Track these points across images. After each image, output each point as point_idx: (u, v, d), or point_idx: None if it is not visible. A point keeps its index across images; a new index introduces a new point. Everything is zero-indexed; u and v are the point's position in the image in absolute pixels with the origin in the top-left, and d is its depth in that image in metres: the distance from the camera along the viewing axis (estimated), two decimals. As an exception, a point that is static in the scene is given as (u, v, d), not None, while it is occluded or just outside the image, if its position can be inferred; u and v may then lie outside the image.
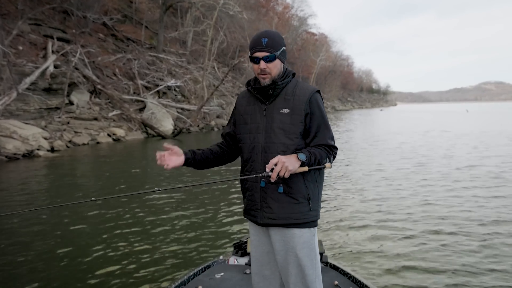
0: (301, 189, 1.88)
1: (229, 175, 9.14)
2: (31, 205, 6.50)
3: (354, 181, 8.74)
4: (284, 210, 1.88)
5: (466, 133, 20.48)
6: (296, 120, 1.88)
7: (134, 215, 5.96)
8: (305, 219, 1.89)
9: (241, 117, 2.03)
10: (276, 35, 1.93)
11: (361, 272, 3.95)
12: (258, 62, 1.88)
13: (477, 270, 4.00)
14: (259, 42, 1.88)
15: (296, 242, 1.89)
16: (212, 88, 24.92)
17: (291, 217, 1.88)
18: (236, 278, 2.85)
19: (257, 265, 2.03)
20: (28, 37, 18.35)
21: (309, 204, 1.90)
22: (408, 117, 45.86)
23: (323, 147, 1.89)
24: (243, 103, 2.06)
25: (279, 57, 1.90)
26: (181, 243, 4.84)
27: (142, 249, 4.64)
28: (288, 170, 1.73)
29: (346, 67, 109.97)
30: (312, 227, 1.93)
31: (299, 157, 1.78)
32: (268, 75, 1.89)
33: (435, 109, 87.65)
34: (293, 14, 66.03)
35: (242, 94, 2.10)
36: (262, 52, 1.87)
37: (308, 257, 1.90)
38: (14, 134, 12.08)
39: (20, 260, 4.26)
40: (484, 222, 5.50)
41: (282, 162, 1.72)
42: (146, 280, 3.82)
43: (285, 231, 1.90)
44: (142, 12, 32.97)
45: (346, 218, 5.92)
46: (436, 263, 4.17)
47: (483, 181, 8.20)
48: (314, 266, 1.92)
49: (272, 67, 1.88)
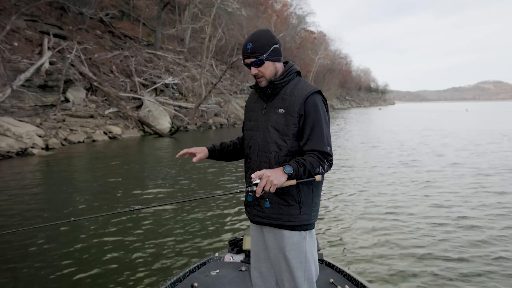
0: (293, 192, 1.84)
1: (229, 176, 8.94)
2: (10, 210, 6.34)
3: (351, 179, 8.67)
4: (274, 211, 1.87)
5: (478, 132, 20.38)
6: (289, 121, 1.84)
7: (129, 212, 5.84)
8: (294, 222, 1.86)
9: (247, 113, 2.07)
10: (262, 36, 1.87)
11: (357, 269, 3.98)
12: (250, 67, 1.89)
13: (471, 267, 4.07)
14: (245, 48, 1.87)
15: (286, 243, 1.88)
16: (210, 86, 24.74)
17: (280, 218, 1.86)
18: (231, 275, 2.87)
19: (255, 260, 2.05)
20: (24, 33, 18.11)
21: (300, 207, 1.86)
22: (409, 116, 45.59)
23: (317, 154, 1.80)
24: (251, 100, 2.08)
25: (269, 59, 1.86)
26: (177, 240, 4.81)
27: (137, 246, 4.62)
28: (273, 184, 1.66)
29: (345, 65, 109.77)
30: (303, 230, 1.89)
31: (285, 170, 1.70)
32: (262, 78, 1.89)
33: (434, 108, 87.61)
34: (292, 12, 65.81)
35: (253, 91, 2.11)
36: (249, 58, 1.86)
37: (297, 259, 1.88)
38: (8, 131, 11.88)
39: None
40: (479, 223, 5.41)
41: (266, 176, 1.66)
42: (141, 277, 3.81)
43: (276, 231, 1.90)
44: (139, 9, 32.72)
45: (342, 216, 5.93)
46: (430, 261, 4.21)
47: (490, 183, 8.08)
48: (303, 268, 1.89)
49: (263, 70, 1.86)
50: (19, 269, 3.97)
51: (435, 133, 20.79)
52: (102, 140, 16.31)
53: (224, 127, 25.81)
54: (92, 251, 4.43)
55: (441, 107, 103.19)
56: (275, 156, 1.86)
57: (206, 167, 9.64)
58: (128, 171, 9.86)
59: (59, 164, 10.84)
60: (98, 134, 16.57)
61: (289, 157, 1.85)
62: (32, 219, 5.61)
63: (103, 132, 16.98)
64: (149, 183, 8.15)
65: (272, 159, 1.86)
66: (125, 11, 31.25)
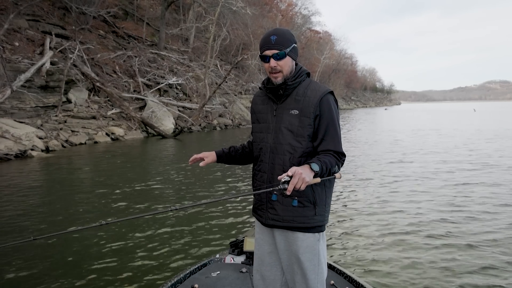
0: (308, 193, 1.82)
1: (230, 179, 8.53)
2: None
3: (355, 182, 8.43)
4: (288, 213, 1.84)
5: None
6: (304, 122, 1.83)
7: (130, 213, 5.82)
8: (309, 223, 1.85)
9: (255, 115, 2.04)
10: (286, 32, 1.88)
11: (357, 272, 3.95)
12: (268, 60, 1.83)
13: (474, 270, 4.00)
14: (268, 40, 1.84)
15: (299, 246, 1.86)
16: (215, 86, 24.32)
17: (295, 220, 1.84)
18: (232, 276, 2.86)
19: (258, 263, 2.03)
20: (26, 33, 17.81)
21: (315, 208, 1.85)
22: (418, 117, 44.26)
23: (332, 153, 1.81)
24: (257, 102, 2.05)
25: (290, 54, 1.85)
26: (177, 242, 4.78)
27: (138, 247, 4.59)
28: (305, 182, 1.62)
29: (350, 65, 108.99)
30: (317, 232, 1.88)
31: (312, 167, 1.68)
32: (279, 73, 1.85)
33: (441, 109, 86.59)
34: (297, 12, 65.33)
35: (258, 93, 2.09)
36: (271, 49, 1.82)
37: (311, 262, 1.86)
38: (6, 133, 11.54)
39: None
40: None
41: (299, 173, 1.61)
42: (142, 278, 3.80)
43: (289, 234, 1.88)
44: (143, 8, 32.42)
45: (343, 217, 5.88)
46: (432, 264, 4.15)
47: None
48: (316, 271, 1.87)
49: (282, 64, 1.83)
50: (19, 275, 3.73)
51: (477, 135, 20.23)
52: (104, 142, 15.95)
53: (229, 128, 25.40)
54: (93, 252, 4.42)
55: (448, 107, 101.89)
56: (290, 158, 1.84)
57: (214, 171, 9.27)
58: (131, 173, 9.46)
59: (58, 167, 10.47)
60: (100, 136, 16.22)
61: (304, 158, 1.83)
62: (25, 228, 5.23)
63: (105, 134, 16.63)
64: (154, 186, 7.78)
65: (286, 160, 1.84)
66: (129, 11, 30.97)
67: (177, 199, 6.91)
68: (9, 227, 5.34)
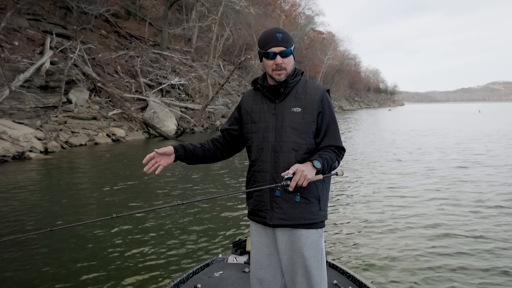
0: (313, 189, 1.84)
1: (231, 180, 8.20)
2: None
3: (357, 181, 8.41)
4: (296, 210, 1.84)
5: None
6: (308, 119, 1.85)
7: (133, 214, 5.58)
8: (315, 219, 1.87)
9: (248, 116, 1.98)
10: (287, 32, 1.92)
11: (360, 271, 3.93)
12: (274, 57, 1.84)
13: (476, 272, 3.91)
14: (274, 37, 1.85)
15: (303, 243, 1.86)
16: (217, 87, 23.98)
17: (302, 217, 1.85)
18: (235, 276, 2.85)
19: (256, 267, 1.99)
20: (26, 33, 17.55)
21: (319, 204, 1.88)
22: (424, 118, 43.13)
23: (333, 149, 1.86)
24: (249, 102, 2.01)
25: (293, 53, 1.90)
26: (180, 241, 4.78)
27: (141, 247, 4.58)
28: (307, 178, 1.68)
29: (353, 66, 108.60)
30: (320, 228, 1.91)
31: (314, 164, 1.73)
32: (283, 71, 1.86)
33: (445, 110, 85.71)
34: (301, 12, 64.99)
35: (248, 93, 2.07)
36: (279, 47, 1.84)
37: (314, 258, 1.87)
38: (3, 134, 11.25)
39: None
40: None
41: (301, 170, 1.67)
42: (145, 278, 3.79)
43: (292, 232, 1.88)
44: (146, 8, 32.21)
45: (346, 217, 5.83)
46: (435, 264, 4.11)
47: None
48: (320, 267, 1.89)
49: (287, 62, 1.86)
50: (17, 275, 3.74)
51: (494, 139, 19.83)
52: (104, 143, 15.66)
53: (232, 129, 25.07)
54: (95, 251, 4.43)
55: (452, 108, 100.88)
56: (294, 155, 1.84)
57: (217, 169, 8.96)
58: (130, 173, 9.15)
59: (57, 168, 10.17)
60: (101, 137, 15.92)
61: (307, 155, 1.85)
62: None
63: (106, 135, 16.33)
64: (155, 185, 7.54)
65: (292, 158, 1.84)
66: (131, 10, 30.74)
67: (182, 197, 6.69)
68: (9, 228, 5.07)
